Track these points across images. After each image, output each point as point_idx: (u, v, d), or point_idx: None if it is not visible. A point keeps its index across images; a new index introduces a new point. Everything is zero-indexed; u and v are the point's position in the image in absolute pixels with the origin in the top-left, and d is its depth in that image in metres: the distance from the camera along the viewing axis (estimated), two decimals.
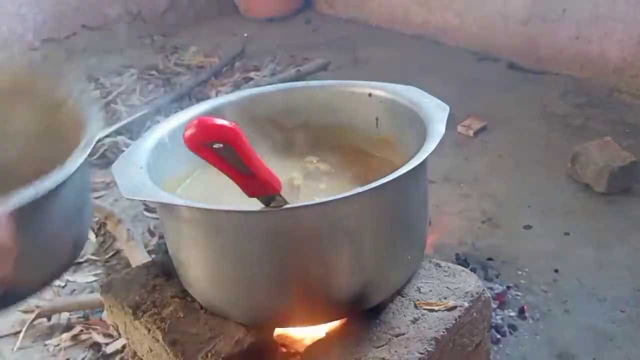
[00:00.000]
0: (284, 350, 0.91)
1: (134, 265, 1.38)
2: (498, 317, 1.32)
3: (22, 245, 0.60)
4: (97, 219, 1.73)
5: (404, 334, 0.83)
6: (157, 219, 1.65)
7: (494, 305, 1.29)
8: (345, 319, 0.86)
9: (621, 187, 1.70)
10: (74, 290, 1.50)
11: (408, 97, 0.93)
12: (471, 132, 2.05)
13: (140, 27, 3.18)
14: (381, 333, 0.83)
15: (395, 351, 0.80)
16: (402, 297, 0.89)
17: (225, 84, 2.50)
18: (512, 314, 1.34)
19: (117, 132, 2.14)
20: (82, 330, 1.37)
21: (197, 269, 0.84)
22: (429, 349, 0.81)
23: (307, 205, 0.76)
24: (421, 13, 2.88)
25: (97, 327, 1.36)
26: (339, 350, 0.81)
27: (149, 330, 0.87)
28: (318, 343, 0.85)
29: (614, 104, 2.21)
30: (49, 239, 0.70)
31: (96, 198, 1.82)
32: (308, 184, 0.94)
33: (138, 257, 1.45)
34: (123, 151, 1.05)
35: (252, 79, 2.53)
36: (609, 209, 1.66)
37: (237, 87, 2.46)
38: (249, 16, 3.36)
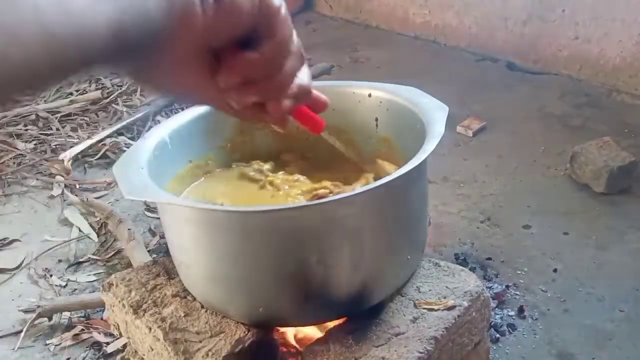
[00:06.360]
0: (284, 349, 0.92)
1: (135, 265, 1.38)
2: (497, 316, 1.33)
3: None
4: (98, 218, 1.73)
5: (403, 333, 0.83)
6: (158, 219, 1.65)
7: (493, 305, 1.29)
8: (345, 318, 0.87)
9: (620, 187, 1.70)
10: (75, 289, 1.51)
11: (408, 98, 0.94)
12: (470, 132, 2.06)
13: None
14: (381, 332, 0.84)
15: (395, 350, 0.81)
16: (402, 296, 0.89)
17: None
18: (511, 313, 1.34)
19: (118, 132, 2.15)
20: (83, 330, 1.37)
21: (197, 268, 0.84)
22: (428, 348, 0.82)
23: (307, 205, 0.77)
24: (421, 13, 2.88)
25: (98, 327, 1.36)
26: (339, 349, 0.82)
27: (150, 329, 0.87)
28: (318, 342, 0.85)
29: (613, 104, 2.21)
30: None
31: (97, 198, 1.83)
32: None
33: (139, 256, 1.46)
34: (124, 151, 1.05)
35: None
36: (608, 209, 1.66)
37: None
38: None
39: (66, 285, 1.53)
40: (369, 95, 0.99)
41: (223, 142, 1.02)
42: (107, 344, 1.31)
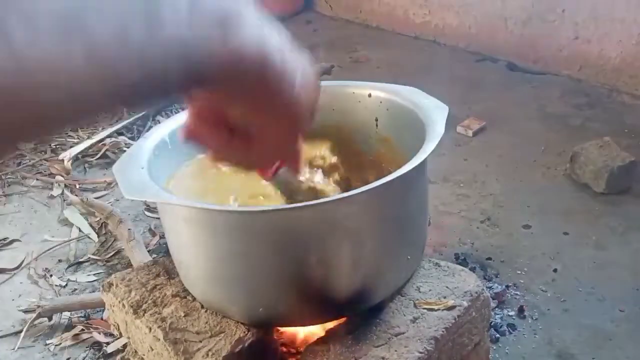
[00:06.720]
0: (284, 349, 0.92)
1: (135, 265, 1.38)
2: (497, 316, 1.33)
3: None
4: (98, 218, 1.73)
5: (403, 333, 0.83)
6: (158, 218, 1.65)
7: (493, 305, 1.29)
8: (345, 318, 0.87)
9: (620, 187, 1.70)
10: (75, 289, 1.51)
11: (408, 98, 0.93)
12: (470, 133, 2.06)
13: None
14: (381, 332, 0.84)
15: (395, 350, 0.81)
16: (402, 296, 0.89)
17: None
18: (511, 313, 1.35)
19: (118, 132, 2.15)
20: (83, 330, 1.37)
21: (197, 268, 0.84)
22: (428, 348, 0.82)
23: (307, 205, 0.77)
24: (420, 13, 2.89)
25: (98, 327, 1.37)
26: (339, 349, 0.82)
27: (150, 329, 0.87)
28: (318, 342, 0.85)
29: (613, 104, 2.21)
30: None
31: (97, 198, 1.83)
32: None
33: (139, 256, 1.46)
34: (124, 151, 1.05)
35: None
36: (608, 209, 1.66)
37: None
38: None
39: (66, 285, 1.53)
40: (369, 95, 0.99)
41: None
42: (107, 344, 1.31)
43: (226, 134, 0.42)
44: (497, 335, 1.28)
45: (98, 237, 1.69)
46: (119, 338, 1.24)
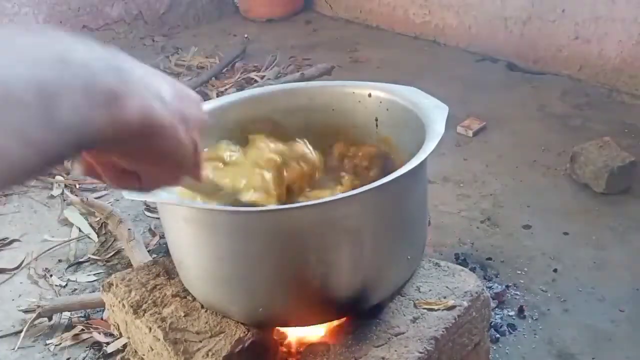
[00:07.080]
0: (284, 349, 0.91)
1: (135, 265, 1.38)
2: (497, 316, 1.33)
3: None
4: (98, 218, 1.73)
5: (403, 333, 0.83)
6: (158, 218, 1.65)
7: (493, 305, 1.29)
8: (345, 318, 0.87)
9: (620, 187, 1.70)
10: (75, 289, 1.51)
11: (408, 98, 0.93)
12: (470, 133, 2.06)
13: (141, 28, 3.19)
14: (381, 332, 0.84)
15: (395, 350, 0.81)
16: (402, 296, 0.89)
17: (227, 84, 2.50)
18: (511, 313, 1.35)
19: None
20: (83, 330, 1.37)
21: (197, 268, 0.84)
22: (428, 348, 0.82)
23: (307, 205, 0.77)
24: (421, 13, 2.88)
25: (98, 327, 1.37)
26: (339, 349, 0.82)
27: (150, 329, 0.87)
28: (318, 343, 0.85)
29: (613, 104, 2.21)
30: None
31: (97, 198, 1.83)
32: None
33: (139, 256, 1.46)
34: None
35: (252, 79, 2.53)
36: (608, 209, 1.66)
37: (240, 88, 2.45)
38: (249, 17, 3.37)
39: (66, 285, 1.53)
40: (369, 95, 0.99)
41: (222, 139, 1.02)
42: (107, 344, 1.31)
43: (118, 172, 0.47)
44: (497, 335, 1.28)
45: (98, 237, 1.69)
46: (119, 338, 1.24)
